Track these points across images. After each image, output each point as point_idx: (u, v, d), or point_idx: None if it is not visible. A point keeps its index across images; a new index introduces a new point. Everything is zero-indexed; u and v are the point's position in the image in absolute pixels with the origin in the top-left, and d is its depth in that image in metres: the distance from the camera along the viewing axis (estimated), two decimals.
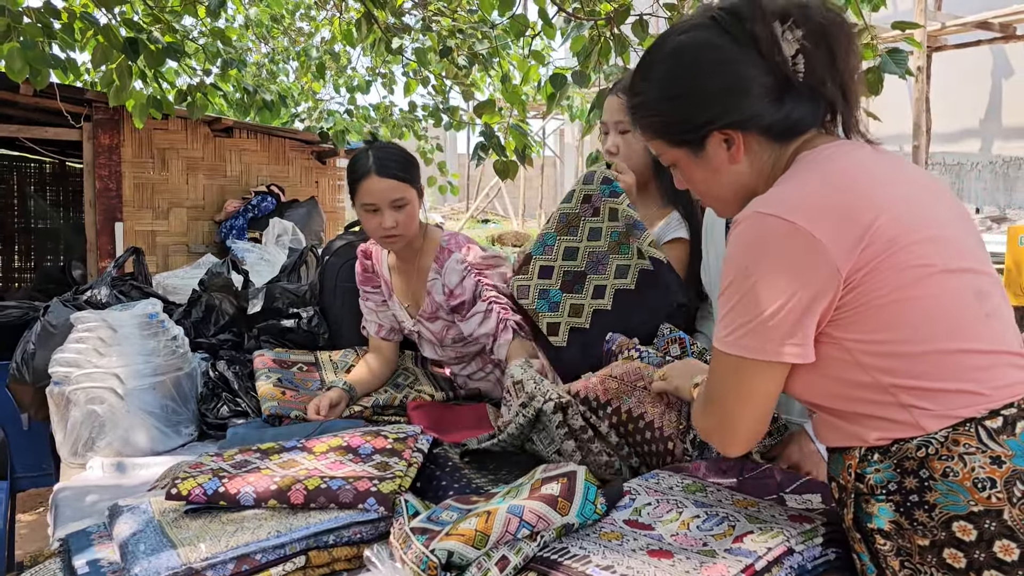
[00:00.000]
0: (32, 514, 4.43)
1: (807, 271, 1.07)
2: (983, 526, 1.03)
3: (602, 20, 3.68)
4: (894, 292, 1.08)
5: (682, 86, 1.20)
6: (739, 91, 1.16)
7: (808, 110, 1.19)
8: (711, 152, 1.21)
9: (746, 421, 1.16)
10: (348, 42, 5.75)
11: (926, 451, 1.07)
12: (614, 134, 2.12)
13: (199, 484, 1.41)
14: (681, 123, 1.21)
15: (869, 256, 1.07)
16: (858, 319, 1.09)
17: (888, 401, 1.09)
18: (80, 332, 2.10)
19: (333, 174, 7.14)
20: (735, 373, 1.13)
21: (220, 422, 2.17)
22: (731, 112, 1.17)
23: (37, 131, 5.94)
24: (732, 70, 1.17)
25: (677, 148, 1.24)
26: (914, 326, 1.08)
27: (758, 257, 1.10)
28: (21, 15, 3.23)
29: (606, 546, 1.19)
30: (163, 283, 3.75)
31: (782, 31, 1.15)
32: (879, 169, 1.16)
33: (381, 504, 1.40)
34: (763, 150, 1.21)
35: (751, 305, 1.09)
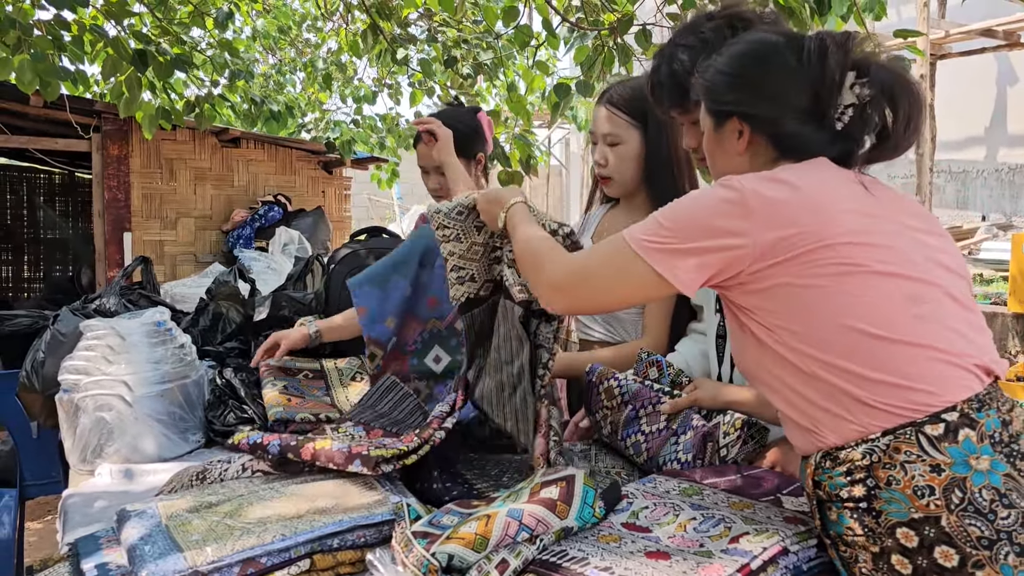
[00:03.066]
0: (41, 522, 4.46)
1: (725, 220, 1.19)
2: (923, 532, 1.06)
3: (605, 30, 3.72)
4: (812, 280, 1.15)
5: (734, 67, 1.35)
6: (771, 99, 1.31)
7: (824, 143, 1.29)
8: (725, 133, 1.36)
9: (598, 301, 1.36)
10: (354, 53, 5.80)
11: (871, 459, 1.10)
12: (602, 145, 2.08)
13: (246, 436, 1.72)
14: (718, 95, 1.36)
15: (791, 244, 1.16)
16: (782, 302, 1.17)
17: (824, 390, 1.15)
18: (89, 340, 2.13)
19: (340, 184, 7.19)
20: (625, 263, 1.25)
21: (227, 429, 2.19)
22: (749, 106, 1.32)
23: (47, 142, 6.00)
24: (777, 77, 1.31)
25: (708, 115, 1.40)
26: (836, 312, 1.14)
27: (702, 196, 1.25)
28: (32, 28, 3.27)
29: (604, 548, 1.21)
30: (171, 292, 3.79)
31: (851, 83, 1.26)
32: (837, 185, 1.24)
33: (364, 465, 1.53)
34: (764, 154, 1.34)
35: (672, 224, 1.23)
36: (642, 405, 1.70)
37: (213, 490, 1.57)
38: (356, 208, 8.29)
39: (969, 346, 1.16)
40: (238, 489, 1.55)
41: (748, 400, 1.59)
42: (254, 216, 6.33)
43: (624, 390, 1.74)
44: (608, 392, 1.77)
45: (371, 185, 8.71)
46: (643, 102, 1.98)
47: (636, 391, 1.72)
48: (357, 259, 2.71)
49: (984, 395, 1.12)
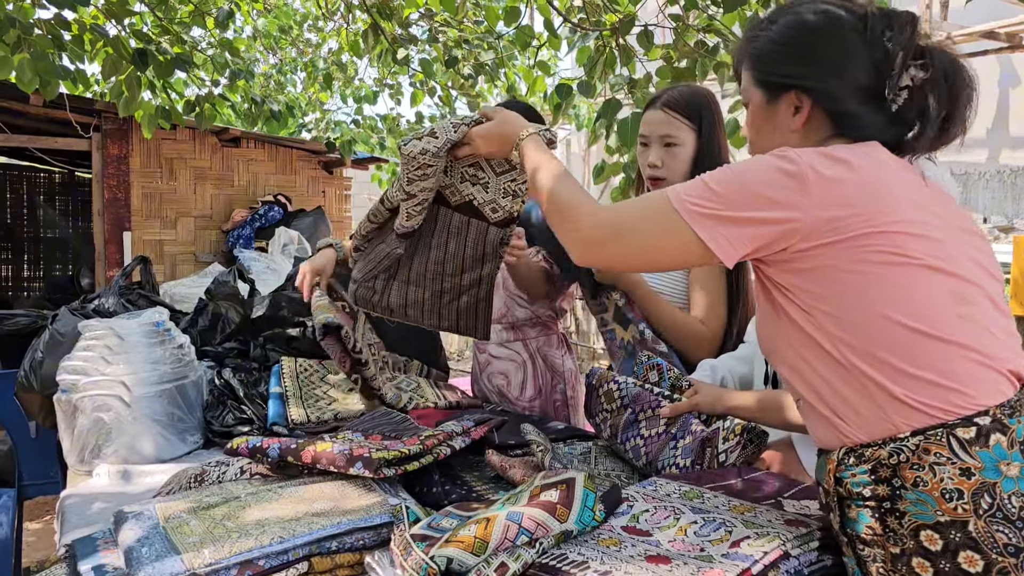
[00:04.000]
0: (39, 522, 4.45)
1: (779, 190, 1.14)
2: (949, 536, 1.04)
3: (607, 31, 3.71)
4: (862, 266, 1.12)
5: (795, 39, 1.28)
6: (834, 70, 1.24)
7: (881, 126, 1.25)
8: (780, 108, 1.30)
9: (632, 257, 1.27)
10: (355, 53, 5.80)
11: (898, 458, 1.08)
12: (658, 147, 2.09)
13: (246, 441, 1.69)
14: (774, 65, 1.30)
15: (844, 226, 1.12)
16: (825, 284, 1.14)
17: (856, 383, 1.12)
18: (87, 340, 2.12)
19: (340, 184, 7.18)
20: (667, 224, 1.20)
21: (225, 430, 2.18)
22: (814, 80, 1.25)
23: (47, 141, 6.00)
24: (841, 52, 1.24)
25: (758, 88, 1.33)
26: (881, 301, 1.11)
27: (759, 167, 1.18)
28: (32, 27, 3.27)
29: (604, 552, 1.20)
30: (170, 292, 3.77)
31: (908, 65, 1.22)
32: (895, 171, 1.20)
33: (367, 467, 1.52)
34: (820, 132, 1.28)
35: (721, 188, 1.18)
36: (641, 409, 1.69)
37: (211, 492, 1.56)
38: (356, 208, 8.28)
39: (1004, 350, 1.13)
40: (236, 491, 1.54)
41: (749, 405, 1.58)
42: (254, 216, 6.32)
43: (624, 393, 1.74)
44: (608, 395, 1.77)
45: (371, 185, 8.72)
46: (698, 104, 2.06)
47: (636, 394, 1.72)
48: None
49: (1015, 401, 1.10)
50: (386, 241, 1.93)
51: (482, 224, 1.91)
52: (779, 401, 1.57)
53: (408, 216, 1.83)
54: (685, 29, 3.58)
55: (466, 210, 1.88)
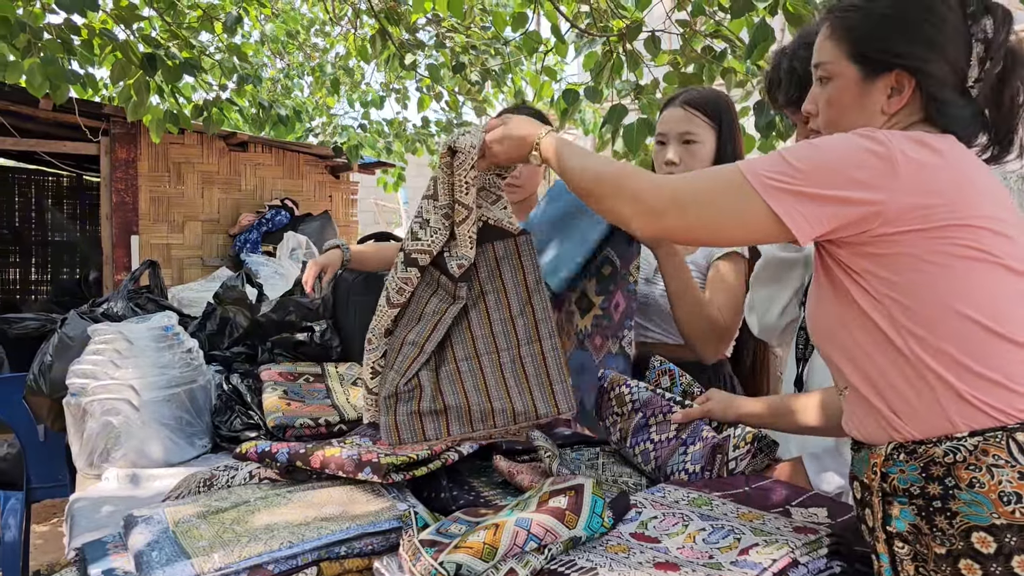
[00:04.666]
0: (46, 525, 4.47)
1: (865, 170, 1.10)
2: (1003, 539, 1.03)
3: (614, 36, 3.72)
4: (942, 257, 1.09)
5: (909, 17, 1.22)
6: (941, 53, 1.19)
7: (967, 119, 1.21)
8: (876, 88, 1.23)
9: (695, 229, 1.20)
10: (362, 58, 5.81)
11: (954, 457, 1.06)
12: (676, 145, 2.07)
13: (255, 445, 1.70)
14: (884, 42, 1.22)
15: (929, 215, 1.09)
16: (900, 271, 1.10)
17: (918, 376, 1.09)
18: (97, 344, 2.13)
19: (347, 188, 7.20)
20: (738, 198, 1.15)
21: (233, 435, 2.19)
22: (923, 62, 1.20)
23: (56, 145, 6.02)
24: (948, 36, 1.20)
25: (852, 63, 1.25)
26: (954, 295, 1.09)
27: (844, 145, 1.13)
28: (42, 31, 3.29)
29: (613, 559, 1.20)
30: (178, 296, 3.79)
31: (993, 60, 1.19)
32: (973, 165, 1.18)
33: (375, 473, 1.52)
34: (905, 119, 1.23)
35: (802, 164, 1.12)
36: (652, 413, 1.69)
37: (220, 496, 1.57)
38: (362, 213, 8.29)
39: None
40: (245, 495, 1.55)
41: (760, 412, 1.58)
42: (261, 220, 6.34)
43: (635, 397, 1.74)
44: (619, 399, 1.77)
45: (377, 190, 8.73)
46: (719, 105, 2.07)
47: (647, 399, 1.72)
48: None
49: None
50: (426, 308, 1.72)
51: (509, 241, 1.74)
52: (790, 405, 1.56)
53: (470, 243, 1.65)
54: (692, 35, 3.59)
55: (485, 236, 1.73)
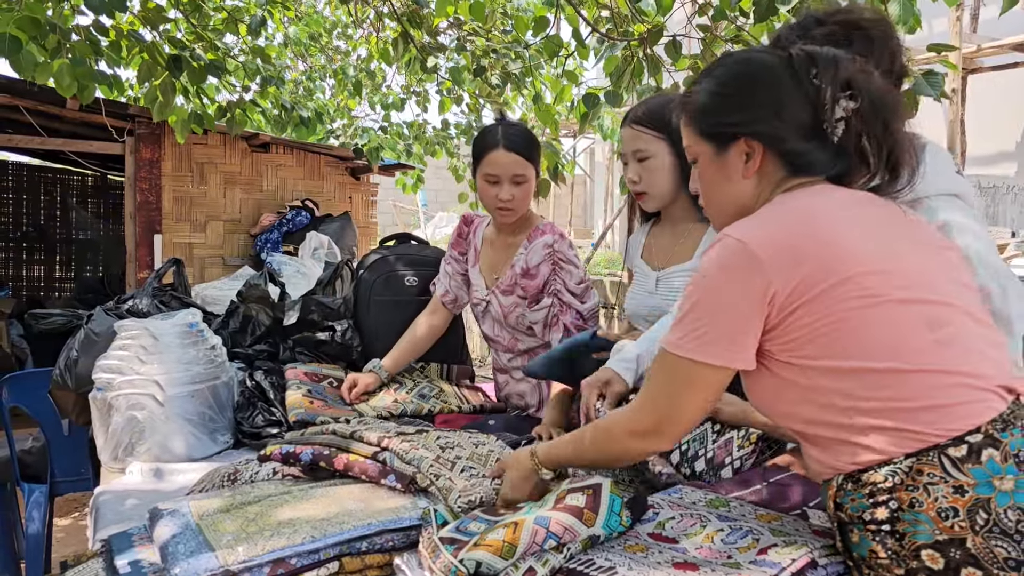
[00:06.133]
0: (68, 518, 4.52)
1: (746, 284, 1.17)
2: (949, 554, 1.06)
3: (635, 41, 3.72)
4: (835, 318, 1.14)
5: (733, 88, 1.33)
6: (776, 111, 1.28)
7: (827, 159, 1.29)
8: (731, 158, 1.32)
9: (684, 421, 1.28)
10: (384, 60, 5.85)
11: (893, 481, 1.10)
12: (633, 163, 2.12)
13: (279, 447, 1.73)
14: (718, 117, 1.33)
15: (811, 283, 1.15)
16: (805, 343, 1.16)
17: (847, 424, 1.14)
18: (123, 340, 2.16)
19: (367, 190, 7.23)
20: (683, 374, 1.23)
21: (255, 431, 2.22)
22: (761, 124, 1.29)
23: (82, 145, 6.09)
24: (778, 94, 1.28)
25: (705, 142, 1.36)
26: (861, 348, 1.13)
27: (713, 271, 1.21)
28: (71, 32, 3.34)
29: (631, 558, 1.21)
30: (201, 294, 3.82)
31: (839, 97, 1.25)
32: (840, 210, 1.23)
33: (399, 481, 1.55)
34: (771, 177, 1.31)
35: (701, 313, 1.21)
36: None
37: (244, 491, 1.59)
38: (381, 214, 8.32)
39: (991, 366, 1.15)
40: (268, 490, 1.57)
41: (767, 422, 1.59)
42: (282, 220, 6.38)
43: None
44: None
45: (396, 191, 8.78)
46: (665, 114, 2.07)
47: None
48: (386, 265, 2.74)
49: (1008, 414, 1.11)
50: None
51: None
52: None
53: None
54: (713, 39, 3.59)
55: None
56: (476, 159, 2.37)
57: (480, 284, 2.50)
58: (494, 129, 2.34)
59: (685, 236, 2.13)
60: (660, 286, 2.13)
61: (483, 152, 2.32)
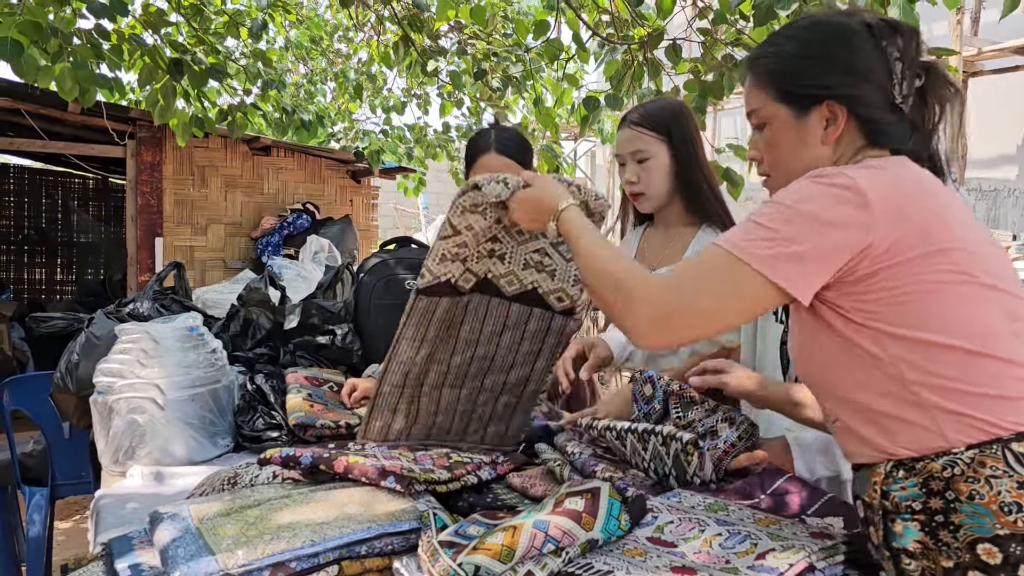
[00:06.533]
0: (69, 521, 4.52)
1: (848, 220, 1.10)
2: (1009, 549, 1.04)
3: (636, 44, 3.73)
4: (922, 287, 1.11)
5: (821, 50, 1.26)
6: (863, 77, 1.24)
7: (903, 132, 1.25)
8: (811, 122, 1.27)
9: (699, 324, 1.16)
10: (385, 64, 5.87)
11: (952, 471, 1.08)
12: (632, 164, 2.13)
13: (278, 451, 1.70)
14: (804, 78, 1.27)
15: (908, 244, 1.10)
16: (884, 305, 1.12)
17: (912, 400, 1.11)
18: (124, 343, 2.16)
19: (368, 193, 7.24)
20: (733, 278, 1.13)
21: (255, 434, 2.22)
22: (850, 88, 1.24)
23: (83, 148, 6.10)
24: (866, 60, 1.24)
25: (781, 104, 1.29)
26: (941, 322, 1.10)
27: (813, 192, 1.13)
28: (72, 36, 3.35)
29: (630, 562, 1.21)
30: (202, 297, 3.84)
31: (917, 72, 1.24)
32: (932, 183, 1.21)
33: (398, 483, 1.52)
34: (850, 144, 1.26)
35: (783, 225, 1.12)
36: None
37: (244, 495, 1.59)
38: (382, 217, 8.34)
39: None
40: (268, 494, 1.57)
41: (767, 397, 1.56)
42: (283, 224, 6.39)
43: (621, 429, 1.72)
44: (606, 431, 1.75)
45: (397, 194, 8.78)
46: (664, 116, 2.10)
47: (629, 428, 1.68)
48: (387, 269, 2.74)
49: None
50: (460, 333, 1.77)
51: (546, 313, 1.79)
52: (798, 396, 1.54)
53: (440, 258, 1.64)
54: (713, 43, 3.59)
55: (527, 299, 1.77)
56: (468, 163, 2.37)
57: None
58: (486, 133, 2.34)
59: (676, 239, 2.14)
60: None
61: (475, 156, 2.32)
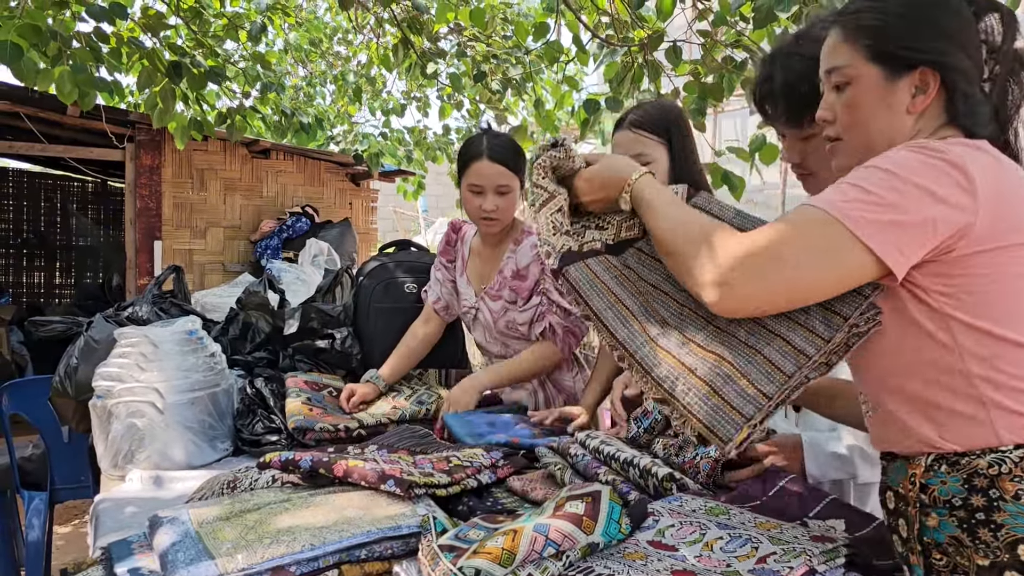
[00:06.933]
0: (68, 526, 4.51)
1: (952, 197, 1.05)
2: None
3: (635, 46, 3.73)
4: (1010, 278, 1.08)
5: (927, 14, 1.19)
6: (963, 48, 1.18)
7: (987, 115, 1.20)
8: (900, 87, 1.19)
9: (788, 295, 1.08)
10: (385, 66, 5.86)
11: (999, 469, 1.06)
12: None
13: (278, 455, 1.70)
14: (906, 38, 1.19)
15: (1001, 232, 1.07)
16: (969, 293, 1.08)
17: (970, 394, 1.08)
18: (123, 347, 2.16)
19: (367, 196, 7.25)
20: (827, 241, 1.06)
21: (255, 438, 2.22)
22: (949, 56, 1.17)
23: (82, 151, 6.11)
24: (967, 31, 1.19)
25: (873, 64, 1.21)
26: (1018, 318, 1.08)
27: (916, 166, 1.07)
28: (72, 39, 3.35)
29: (631, 566, 1.21)
30: (201, 301, 3.83)
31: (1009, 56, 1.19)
32: (1020, 173, 1.16)
33: (398, 486, 1.52)
34: (932, 120, 1.20)
35: (888, 191, 1.05)
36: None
37: (243, 498, 1.59)
38: (382, 220, 8.34)
39: None
40: (268, 498, 1.57)
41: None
42: (282, 227, 6.39)
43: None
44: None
45: (396, 197, 8.78)
46: (666, 119, 2.09)
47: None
48: (386, 272, 2.74)
49: None
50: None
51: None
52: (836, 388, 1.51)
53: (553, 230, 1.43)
54: (713, 45, 3.59)
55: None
56: (461, 169, 2.36)
57: (469, 293, 2.50)
58: (478, 139, 2.33)
59: None
60: None
61: (468, 162, 2.32)
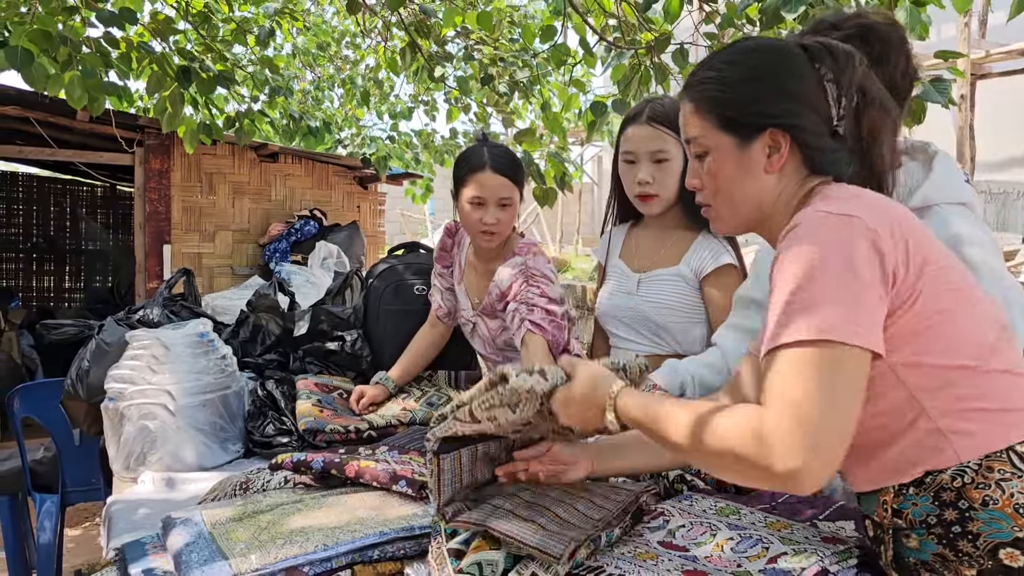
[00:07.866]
0: (79, 528, 4.53)
1: (872, 259, 1.05)
2: None
3: (643, 49, 3.73)
4: (937, 309, 1.08)
5: (766, 75, 1.22)
6: (807, 104, 1.20)
7: (844, 159, 1.22)
8: (754, 151, 1.22)
9: (845, 437, 1.01)
10: (392, 70, 5.88)
11: (962, 480, 1.07)
12: (647, 164, 2.05)
13: (290, 456, 1.74)
14: (748, 105, 1.21)
15: (915, 269, 1.08)
16: (907, 339, 1.09)
17: (930, 429, 1.09)
18: (135, 350, 2.17)
19: (375, 199, 7.27)
20: (843, 368, 1.02)
21: (266, 440, 2.23)
22: (794, 116, 1.20)
23: (92, 156, 6.14)
24: (808, 86, 1.21)
25: (724, 133, 1.23)
26: (954, 343, 1.09)
27: (841, 247, 1.05)
28: (81, 45, 3.36)
29: (642, 566, 1.21)
30: (211, 303, 3.85)
31: (853, 95, 1.21)
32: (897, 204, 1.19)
33: (410, 487, 1.55)
34: (793, 174, 1.23)
35: (836, 291, 1.03)
36: None
37: (256, 500, 1.60)
38: (389, 223, 8.35)
39: None
40: (280, 499, 1.58)
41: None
42: (290, 230, 6.41)
43: None
44: None
45: (404, 200, 8.81)
46: None
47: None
48: (395, 274, 2.75)
49: None
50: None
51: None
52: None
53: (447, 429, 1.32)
54: (720, 47, 3.60)
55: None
56: (460, 181, 2.26)
57: (466, 305, 2.46)
58: (479, 150, 2.25)
59: (673, 241, 2.11)
60: (641, 288, 2.12)
61: (468, 174, 2.23)
